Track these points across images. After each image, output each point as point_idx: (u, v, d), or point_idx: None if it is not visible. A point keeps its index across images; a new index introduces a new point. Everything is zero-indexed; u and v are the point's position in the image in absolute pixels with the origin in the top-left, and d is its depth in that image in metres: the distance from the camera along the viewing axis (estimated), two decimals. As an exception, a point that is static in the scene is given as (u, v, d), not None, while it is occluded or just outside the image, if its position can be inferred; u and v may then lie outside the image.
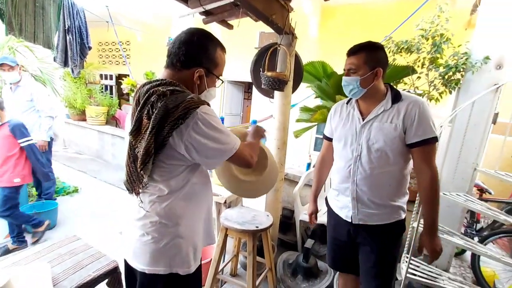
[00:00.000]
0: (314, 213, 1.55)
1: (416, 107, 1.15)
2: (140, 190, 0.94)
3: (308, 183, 2.74)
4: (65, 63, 2.81)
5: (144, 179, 0.90)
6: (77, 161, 5.37)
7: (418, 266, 1.76)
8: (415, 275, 1.65)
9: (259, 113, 5.01)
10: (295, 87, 2.39)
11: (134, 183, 0.93)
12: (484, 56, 2.06)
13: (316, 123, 2.82)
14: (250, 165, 1.01)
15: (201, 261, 1.07)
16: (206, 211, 1.07)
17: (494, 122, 2.19)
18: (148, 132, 0.83)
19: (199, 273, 1.05)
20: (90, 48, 2.92)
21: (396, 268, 1.34)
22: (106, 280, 1.53)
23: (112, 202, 3.62)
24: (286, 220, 2.76)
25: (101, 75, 7.73)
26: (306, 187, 2.83)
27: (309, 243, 2.10)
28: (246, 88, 7.50)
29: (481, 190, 2.95)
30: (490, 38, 2.09)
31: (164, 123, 0.83)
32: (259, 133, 1.17)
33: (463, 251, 2.86)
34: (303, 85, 2.67)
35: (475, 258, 2.34)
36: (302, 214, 2.45)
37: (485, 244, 2.28)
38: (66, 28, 2.74)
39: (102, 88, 6.85)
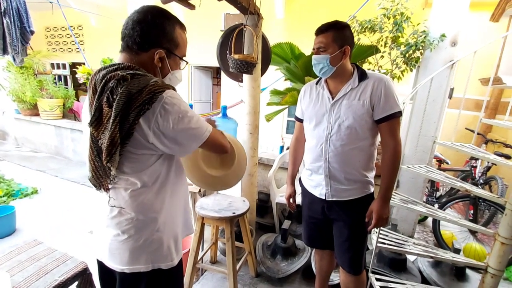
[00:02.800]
0: (292, 195, 1.55)
1: (382, 84, 1.18)
2: (109, 186, 0.86)
3: (282, 166, 2.77)
4: (4, 50, 2.46)
5: (112, 172, 0.83)
6: (34, 160, 4.93)
7: (386, 236, 1.88)
8: (384, 243, 1.76)
9: (230, 99, 4.91)
10: (263, 70, 2.34)
11: (101, 178, 0.85)
12: (441, 34, 2.17)
13: (287, 106, 2.82)
14: (225, 149, 0.99)
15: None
16: (184, 202, 1.03)
17: (450, 97, 2.34)
18: (111, 121, 0.76)
19: (180, 265, 1.02)
20: (32, 32, 2.58)
21: (367, 239, 1.41)
22: (76, 283, 1.44)
23: (77, 201, 3.39)
24: (263, 204, 2.79)
25: (52, 65, 7.03)
26: (280, 170, 2.87)
27: (286, 224, 2.15)
28: (215, 74, 7.29)
29: (440, 161, 3.21)
30: (446, 16, 2.19)
31: (128, 110, 0.76)
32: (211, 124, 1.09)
33: (425, 217, 3.12)
34: (272, 68, 2.63)
35: (436, 223, 2.57)
36: (278, 197, 2.48)
37: (444, 210, 2.50)
38: (2, 10, 2.39)
39: (55, 79, 6.24)
